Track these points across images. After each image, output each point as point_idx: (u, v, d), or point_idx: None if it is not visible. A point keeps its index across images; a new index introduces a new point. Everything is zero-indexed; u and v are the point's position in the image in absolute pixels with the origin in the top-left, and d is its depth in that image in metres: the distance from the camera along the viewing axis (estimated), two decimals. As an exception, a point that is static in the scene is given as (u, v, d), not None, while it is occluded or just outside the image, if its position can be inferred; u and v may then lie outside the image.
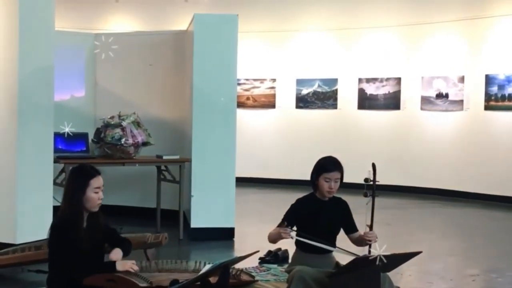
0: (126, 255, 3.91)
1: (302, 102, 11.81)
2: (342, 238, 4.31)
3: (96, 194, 3.75)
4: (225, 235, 6.98)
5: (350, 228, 4.27)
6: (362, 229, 4.24)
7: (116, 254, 3.85)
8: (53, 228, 3.75)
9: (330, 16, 11.55)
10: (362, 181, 4.17)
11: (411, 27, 10.94)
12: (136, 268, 3.79)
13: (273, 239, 4.11)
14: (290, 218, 4.13)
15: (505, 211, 9.45)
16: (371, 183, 4.17)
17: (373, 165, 4.23)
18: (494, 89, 10.03)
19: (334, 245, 4.14)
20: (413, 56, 10.92)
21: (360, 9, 11.35)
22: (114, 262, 3.77)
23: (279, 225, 4.12)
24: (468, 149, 10.37)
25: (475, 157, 10.27)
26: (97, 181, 3.77)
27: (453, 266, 6.24)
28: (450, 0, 10.58)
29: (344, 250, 4.07)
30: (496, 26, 10.06)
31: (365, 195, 4.17)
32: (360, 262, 3.77)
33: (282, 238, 3.99)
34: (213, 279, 3.80)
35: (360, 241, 4.22)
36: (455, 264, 6.32)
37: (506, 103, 9.93)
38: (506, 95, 9.93)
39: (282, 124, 11.90)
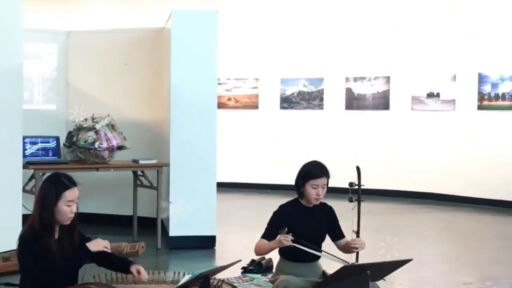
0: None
1: (287, 102, 11.84)
2: (329, 246, 4.31)
3: (69, 207, 3.66)
4: (206, 244, 6.97)
5: (337, 235, 4.28)
6: (349, 236, 4.25)
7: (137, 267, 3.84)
8: (21, 238, 3.71)
9: (316, 12, 11.58)
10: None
11: (400, 24, 10.99)
12: (108, 247, 3.76)
13: (265, 250, 4.09)
14: (275, 227, 4.12)
15: (498, 215, 9.53)
16: (356, 187, 4.18)
17: (357, 168, 4.25)
18: (487, 88, 10.12)
19: (319, 250, 4.14)
20: (402, 54, 10.98)
21: (346, 5, 11.39)
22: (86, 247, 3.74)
23: (263, 236, 4.10)
24: (460, 151, 10.44)
25: (468, 159, 10.34)
26: (71, 194, 3.67)
27: (445, 273, 6.27)
28: (441, -4, 10.68)
29: (332, 256, 4.08)
30: (489, 23, 10.14)
31: (350, 200, 4.18)
32: (348, 271, 3.77)
33: (282, 245, 3.97)
34: (193, 291, 3.79)
35: (347, 248, 4.23)
36: (448, 272, 6.35)
37: (500, 102, 10.02)
38: (500, 94, 10.02)
39: (266, 126, 11.91)
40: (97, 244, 3.73)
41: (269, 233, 4.12)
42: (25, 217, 6.39)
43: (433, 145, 10.73)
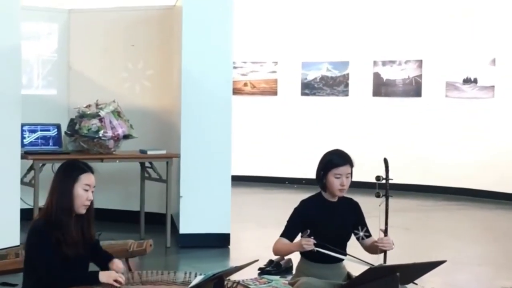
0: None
1: (308, 88, 11.82)
2: (354, 245, 4.32)
3: (86, 192, 3.80)
4: (219, 242, 6.99)
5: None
6: (375, 234, 4.26)
7: (117, 265, 3.95)
8: (34, 227, 3.78)
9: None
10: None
11: (433, 3, 10.93)
12: (122, 280, 3.80)
13: (285, 252, 4.11)
14: (296, 225, 4.13)
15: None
16: (384, 181, 4.18)
17: (385, 161, 4.24)
18: (530, 72, 10.08)
19: (344, 253, 4.15)
20: (436, 35, 10.91)
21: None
22: (97, 272, 3.79)
23: (283, 235, 4.12)
24: (499, 142, 10.38)
25: (507, 151, 10.28)
26: (88, 178, 3.83)
27: (482, 276, 6.26)
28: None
29: (358, 259, 4.08)
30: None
31: (378, 196, 4.17)
32: (375, 273, 3.78)
33: (303, 250, 3.99)
34: (205, 293, 3.82)
35: (373, 248, 4.23)
36: (485, 275, 6.34)
37: (544, 89, 9.97)
38: (544, 79, 9.97)
39: (285, 114, 11.90)
40: (109, 276, 3.77)
41: (289, 232, 4.15)
42: (23, 212, 6.47)
43: (469, 135, 10.67)
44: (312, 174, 4.37)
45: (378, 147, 10.63)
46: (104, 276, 3.77)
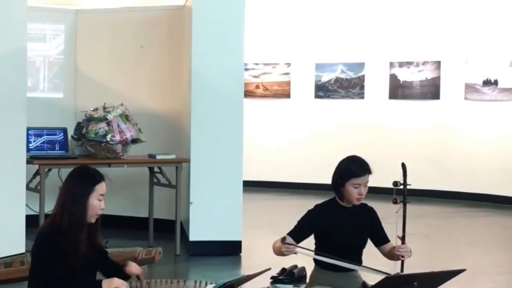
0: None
1: (322, 90, 11.81)
2: (371, 252, 4.31)
3: (100, 202, 3.83)
4: (231, 250, 7.00)
5: (380, 239, 4.28)
6: (392, 242, 4.25)
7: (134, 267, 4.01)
8: (41, 235, 3.80)
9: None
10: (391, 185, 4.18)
11: (452, 2, 10.90)
12: None
13: (274, 250, 4.13)
14: (304, 227, 4.14)
15: None
16: (401, 187, 4.17)
17: (403, 166, 4.24)
18: (553, 74, 10.04)
19: (359, 261, 4.15)
20: (455, 35, 10.88)
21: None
22: (100, 281, 3.80)
23: (289, 233, 4.14)
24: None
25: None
26: (102, 187, 3.86)
27: (504, 286, 6.23)
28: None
29: (370, 269, 4.07)
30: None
31: (395, 202, 4.17)
32: (391, 282, 3.77)
33: (283, 255, 4.00)
34: (216, 302, 3.82)
35: (391, 255, 4.23)
36: (507, 284, 6.31)
37: None
38: None
39: (299, 117, 11.89)
40: (110, 283, 3.79)
41: (296, 232, 4.15)
42: (28, 218, 6.49)
43: (490, 139, 10.63)
44: (326, 180, 4.36)
45: (395, 152, 10.59)
46: (106, 285, 3.78)
